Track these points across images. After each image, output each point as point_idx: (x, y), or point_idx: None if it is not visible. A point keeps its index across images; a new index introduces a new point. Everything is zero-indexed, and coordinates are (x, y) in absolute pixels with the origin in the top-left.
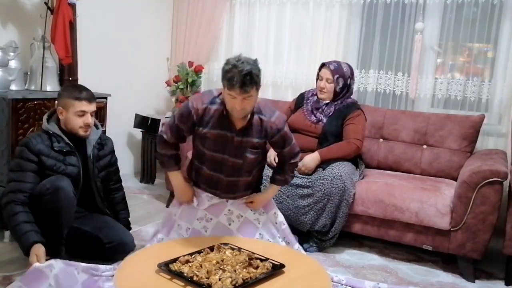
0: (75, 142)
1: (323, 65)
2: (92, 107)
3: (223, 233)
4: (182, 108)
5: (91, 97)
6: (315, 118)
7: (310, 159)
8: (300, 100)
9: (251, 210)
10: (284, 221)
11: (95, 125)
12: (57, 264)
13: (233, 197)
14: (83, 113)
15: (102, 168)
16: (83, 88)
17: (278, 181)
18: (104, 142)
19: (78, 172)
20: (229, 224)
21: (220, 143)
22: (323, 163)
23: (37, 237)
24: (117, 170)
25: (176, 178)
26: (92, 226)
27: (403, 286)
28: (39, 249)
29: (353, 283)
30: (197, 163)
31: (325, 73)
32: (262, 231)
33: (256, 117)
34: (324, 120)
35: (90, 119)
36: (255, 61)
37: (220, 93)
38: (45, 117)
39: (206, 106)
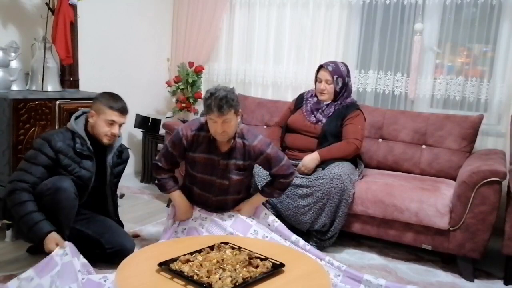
0: (97, 147)
1: (320, 67)
2: (122, 119)
3: (217, 229)
4: (173, 137)
5: (124, 109)
6: (314, 119)
7: (310, 159)
8: (299, 101)
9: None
10: (276, 219)
11: None
12: (70, 251)
13: (223, 212)
14: (112, 123)
15: (117, 174)
16: (119, 99)
17: (265, 193)
18: (123, 151)
19: (90, 178)
20: (223, 222)
21: (207, 166)
22: (323, 163)
23: (51, 226)
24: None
25: (178, 197)
26: (94, 229)
27: (401, 284)
28: (56, 236)
29: (352, 272)
30: (188, 184)
31: (324, 74)
32: (256, 228)
33: (239, 141)
34: (324, 120)
35: (117, 130)
36: (232, 88)
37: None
38: (73, 116)
39: (194, 133)
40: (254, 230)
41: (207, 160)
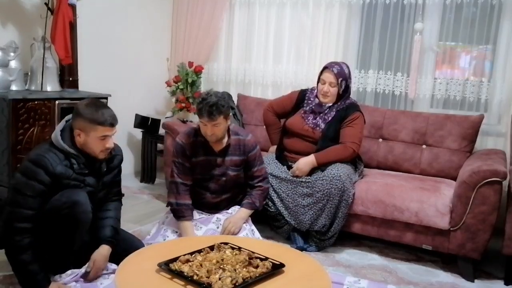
0: (89, 159)
1: (325, 68)
2: (115, 130)
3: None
4: (175, 148)
5: (114, 119)
6: (312, 123)
7: (305, 163)
8: (301, 99)
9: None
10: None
11: None
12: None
13: (216, 212)
14: (105, 138)
15: (104, 185)
16: (103, 108)
17: (245, 205)
18: (114, 156)
19: (93, 193)
20: (217, 227)
21: (206, 167)
22: (320, 167)
23: (47, 281)
24: (119, 183)
25: (190, 227)
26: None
27: (382, 283)
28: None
29: (333, 278)
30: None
31: (328, 77)
32: (249, 232)
33: (234, 137)
34: (323, 126)
35: (112, 143)
36: (223, 93)
37: (199, 126)
38: (57, 131)
39: (192, 140)
40: (246, 233)
41: (205, 161)
